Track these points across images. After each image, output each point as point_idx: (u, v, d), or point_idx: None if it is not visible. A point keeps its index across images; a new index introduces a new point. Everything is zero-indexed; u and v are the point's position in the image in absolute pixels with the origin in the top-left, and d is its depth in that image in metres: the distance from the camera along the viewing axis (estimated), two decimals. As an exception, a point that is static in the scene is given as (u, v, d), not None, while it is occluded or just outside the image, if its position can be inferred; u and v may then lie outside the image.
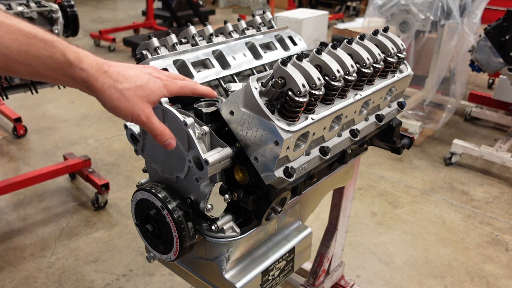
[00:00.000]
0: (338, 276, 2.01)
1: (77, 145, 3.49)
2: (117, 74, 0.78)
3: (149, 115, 0.82)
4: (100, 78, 0.76)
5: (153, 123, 0.82)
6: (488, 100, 4.12)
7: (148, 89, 0.81)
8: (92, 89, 0.77)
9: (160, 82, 0.85)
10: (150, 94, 0.82)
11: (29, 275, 2.22)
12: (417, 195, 2.97)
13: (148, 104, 0.82)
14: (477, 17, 3.47)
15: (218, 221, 1.01)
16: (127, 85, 0.78)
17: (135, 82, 0.80)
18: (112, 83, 0.77)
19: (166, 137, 0.84)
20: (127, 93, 0.78)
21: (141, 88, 0.80)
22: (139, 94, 0.80)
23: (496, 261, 2.39)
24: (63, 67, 0.73)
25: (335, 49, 1.03)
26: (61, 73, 0.74)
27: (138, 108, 0.80)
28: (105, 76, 0.77)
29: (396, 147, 1.43)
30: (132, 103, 0.79)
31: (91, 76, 0.75)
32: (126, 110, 0.79)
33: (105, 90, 0.77)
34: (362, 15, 6.94)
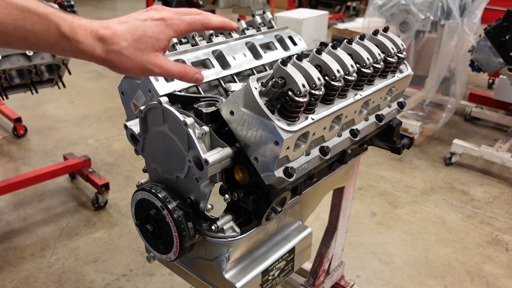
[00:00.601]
0: (338, 276, 2.01)
1: (77, 145, 3.49)
2: (112, 35, 0.73)
3: (161, 64, 0.77)
4: (97, 46, 0.73)
5: (169, 69, 0.78)
6: (488, 100, 4.12)
7: (148, 37, 0.76)
8: (94, 59, 0.74)
9: (161, 25, 0.78)
10: (153, 42, 0.76)
11: (29, 275, 2.22)
12: (417, 195, 2.97)
13: (156, 53, 0.77)
14: (477, 17, 3.47)
15: (218, 221, 1.01)
16: (124, 43, 0.74)
17: (133, 36, 0.74)
18: (110, 47, 0.73)
19: (190, 75, 0.80)
20: (127, 51, 0.74)
21: (140, 41, 0.75)
22: (140, 47, 0.75)
23: (496, 261, 2.39)
24: (60, 42, 0.70)
25: (335, 49, 1.03)
26: (59, 48, 0.71)
27: (145, 62, 0.76)
28: (102, 43, 0.73)
29: (396, 147, 1.43)
30: (136, 59, 0.75)
31: (89, 47, 0.72)
32: (134, 68, 0.76)
33: (106, 56, 0.74)
34: (362, 15, 6.94)
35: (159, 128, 0.99)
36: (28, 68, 2.26)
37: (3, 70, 2.16)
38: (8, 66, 2.16)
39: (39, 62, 2.26)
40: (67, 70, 2.42)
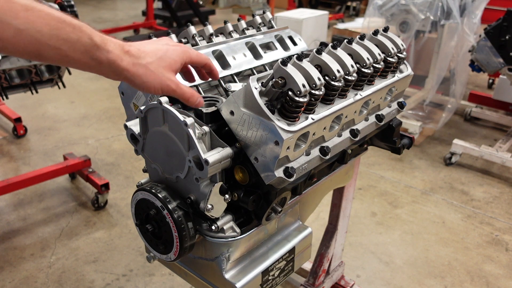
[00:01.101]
0: (338, 276, 2.01)
1: (77, 145, 3.49)
2: (138, 51, 0.81)
3: (177, 83, 0.86)
4: (124, 58, 0.79)
5: (182, 88, 0.86)
6: (488, 100, 4.12)
7: (169, 58, 0.85)
8: (119, 70, 0.79)
9: (179, 49, 0.88)
10: (171, 63, 0.85)
11: (29, 275, 2.22)
12: (417, 195, 2.97)
13: (173, 73, 0.86)
14: (477, 17, 3.47)
15: (218, 221, 1.01)
16: (149, 59, 0.82)
17: (156, 55, 0.83)
18: (136, 60, 0.80)
19: (195, 98, 0.89)
20: (152, 66, 0.82)
21: (162, 59, 0.83)
22: (162, 65, 0.83)
23: (496, 261, 2.39)
24: (91, 50, 0.76)
25: (335, 49, 1.03)
26: (88, 56, 0.76)
27: (166, 78, 0.84)
28: (129, 56, 0.80)
29: (396, 147, 1.43)
30: (159, 75, 0.83)
31: (116, 57, 0.78)
32: (155, 83, 0.83)
33: (131, 68, 0.80)
34: (362, 15, 6.94)
35: (159, 128, 0.99)
36: (28, 68, 2.26)
37: (3, 70, 2.16)
38: (8, 66, 2.16)
39: (39, 62, 2.26)
40: (67, 70, 2.42)
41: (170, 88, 0.85)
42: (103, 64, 0.78)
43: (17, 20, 0.69)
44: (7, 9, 0.68)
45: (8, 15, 0.68)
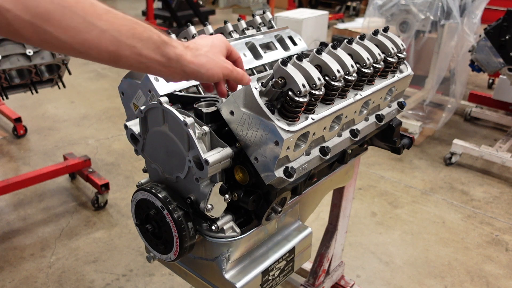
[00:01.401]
0: (338, 276, 2.01)
1: (77, 145, 3.50)
2: (194, 44, 0.89)
3: (232, 65, 0.94)
4: (187, 52, 0.87)
5: (236, 69, 0.94)
6: (488, 100, 4.12)
7: (217, 45, 0.93)
8: (185, 63, 0.86)
9: (220, 36, 0.96)
10: (221, 48, 0.94)
11: (29, 275, 2.22)
12: (417, 195, 2.97)
13: (224, 57, 0.94)
14: (477, 17, 3.47)
15: (218, 221, 1.01)
16: (205, 48, 0.90)
17: (208, 45, 0.91)
18: (196, 52, 0.88)
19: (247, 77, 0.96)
20: (210, 54, 0.90)
21: (214, 47, 0.92)
22: (216, 51, 0.92)
23: (496, 261, 2.39)
24: (160, 47, 0.82)
25: (335, 49, 1.03)
26: (159, 53, 0.82)
27: (223, 61, 0.92)
28: (189, 50, 0.88)
29: (396, 147, 1.43)
30: (217, 60, 0.90)
31: (181, 51, 0.85)
32: (217, 68, 0.90)
33: (195, 60, 0.87)
34: (362, 15, 6.94)
35: (159, 128, 0.99)
36: (28, 68, 2.26)
37: (3, 70, 2.16)
38: (8, 66, 2.16)
39: (39, 62, 2.26)
40: (67, 70, 2.42)
41: (228, 70, 0.92)
42: (172, 60, 0.84)
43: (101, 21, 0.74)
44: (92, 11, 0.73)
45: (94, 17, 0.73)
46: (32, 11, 0.67)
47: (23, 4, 0.67)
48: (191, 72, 0.88)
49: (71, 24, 0.71)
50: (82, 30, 0.72)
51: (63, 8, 0.70)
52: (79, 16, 0.72)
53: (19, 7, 0.67)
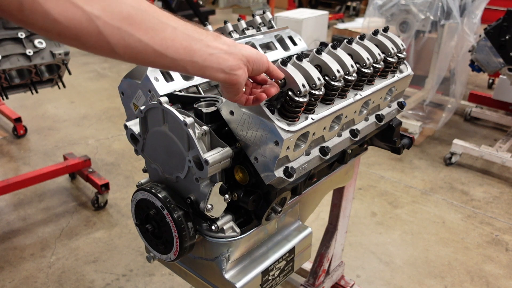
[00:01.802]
0: (338, 276, 2.01)
1: (77, 145, 3.49)
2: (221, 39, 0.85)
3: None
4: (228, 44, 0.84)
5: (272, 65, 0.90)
6: (488, 100, 4.12)
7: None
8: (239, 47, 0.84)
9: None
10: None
11: (29, 275, 2.22)
12: (417, 195, 2.97)
13: None
14: (477, 17, 3.47)
15: (218, 221, 1.01)
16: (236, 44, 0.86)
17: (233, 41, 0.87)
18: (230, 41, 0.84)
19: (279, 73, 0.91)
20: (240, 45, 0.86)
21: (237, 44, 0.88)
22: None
23: (496, 261, 2.39)
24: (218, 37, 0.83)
25: (335, 49, 1.03)
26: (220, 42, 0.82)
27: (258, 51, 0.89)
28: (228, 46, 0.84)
29: (396, 147, 1.43)
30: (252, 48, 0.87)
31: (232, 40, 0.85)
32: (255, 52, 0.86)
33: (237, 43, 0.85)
34: (362, 15, 6.94)
35: (159, 128, 0.99)
36: (28, 68, 2.26)
37: (3, 70, 2.16)
38: (8, 66, 2.16)
39: (39, 62, 2.26)
40: (67, 70, 2.42)
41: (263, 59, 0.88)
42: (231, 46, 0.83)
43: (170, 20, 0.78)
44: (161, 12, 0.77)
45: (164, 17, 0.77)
46: (118, 16, 0.71)
47: (109, 11, 0.70)
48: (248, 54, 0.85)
49: (150, 24, 0.75)
50: (159, 30, 0.76)
51: (141, 11, 0.74)
52: (154, 17, 0.76)
53: (107, 14, 0.70)
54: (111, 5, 0.70)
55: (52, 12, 0.66)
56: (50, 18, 0.66)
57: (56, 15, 0.66)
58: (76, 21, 0.67)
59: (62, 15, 0.66)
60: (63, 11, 0.66)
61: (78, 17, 0.67)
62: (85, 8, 0.67)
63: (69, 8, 0.66)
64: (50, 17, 0.66)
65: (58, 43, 2.32)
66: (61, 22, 0.67)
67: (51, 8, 0.65)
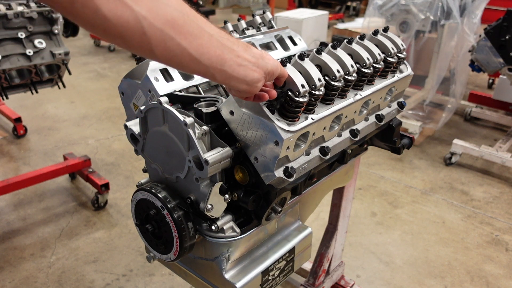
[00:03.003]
0: (338, 276, 2.01)
1: (77, 145, 3.49)
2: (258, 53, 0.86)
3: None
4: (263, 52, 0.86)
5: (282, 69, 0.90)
6: (488, 100, 4.12)
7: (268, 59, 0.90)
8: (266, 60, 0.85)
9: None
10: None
11: (29, 275, 2.22)
12: (417, 195, 2.97)
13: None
14: (477, 17, 3.47)
15: (218, 221, 1.01)
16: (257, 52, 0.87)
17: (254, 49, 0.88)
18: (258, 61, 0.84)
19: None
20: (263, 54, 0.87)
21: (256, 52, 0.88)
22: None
23: (496, 261, 2.39)
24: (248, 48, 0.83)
25: (335, 49, 1.03)
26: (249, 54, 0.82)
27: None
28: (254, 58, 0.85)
29: (396, 147, 1.43)
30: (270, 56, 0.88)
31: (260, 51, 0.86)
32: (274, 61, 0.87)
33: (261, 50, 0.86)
34: (362, 15, 6.94)
35: (159, 128, 0.99)
36: (28, 68, 2.26)
37: (3, 70, 2.16)
38: (8, 66, 2.16)
39: (39, 62, 2.26)
40: (67, 70, 2.42)
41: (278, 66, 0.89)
42: (259, 59, 0.84)
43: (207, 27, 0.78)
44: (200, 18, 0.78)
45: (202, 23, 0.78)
46: (163, 18, 0.72)
47: (155, 12, 0.71)
48: (272, 68, 0.86)
49: (190, 29, 0.75)
50: (197, 35, 0.76)
51: (184, 15, 0.75)
52: (194, 22, 0.76)
53: (153, 15, 0.71)
54: (158, 6, 0.71)
55: (103, 8, 0.67)
56: (100, 14, 0.67)
57: (106, 12, 0.67)
58: (124, 19, 0.69)
59: (112, 12, 0.67)
60: (113, 9, 0.67)
61: (126, 16, 0.68)
62: (134, 7, 0.68)
63: (118, 6, 0.68)
64: (100, 13, 0.67)
65: (58, 43, 2.32)
66: (110, 19, 0.68)
67: (102, 5, 0.66)
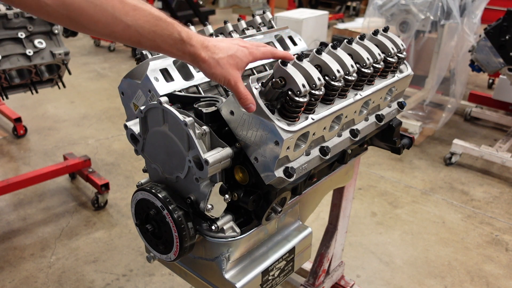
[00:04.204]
0: (338, 276, 2.01)
1: (77, 145, 3.49)
2: (214, 47, 0.96)
3: (237, 80, 0.96)
4: (203, 52, 0.94)
5: (239, 87, 0.96)
6: (488, 100, 4.12)
7: (237, 57, 0.97)
8: (197, 60, 0.95)
9: (246, 50, 1.00)
10: (238, 62, 0.98)
11: (29, 275, 2.22)
12: (417, 195, 2.97)
13: (237, 71, 0.98)
14: (477, 17, 3.47)
15: (218, 221, 1.01)
16: (221, 55, 0.95)
17: (227, 52, 0.96)
18: (211, 54, 0.95)
19: (248, 102, 0.95)
20: (222, 61, 0.95)
21: (231, 57, 0.96)
22: (230, 62, 0.96)
23: (496, 261, 2.39)
24: (178, 44, 0.92)
25: (335, 49, 1.03)
26: (175, 48, 0.92)
27: (229, 74, 0.96)
28: (207, 50, 0.95)
29: (396, 147, 1.43)
30: (224, 70, 0.95)
31: (197, 50, 0.94)
32: (220, 75, 0.95)
33: (207, 60, 0.95)
34: (362, 15, 6.94)
35: (159, 128, 0.99)
36: (28, 68, 2.26)
37: (3, 70, 2.16)
38: (8, 66, 2.16)
39: (39, 62, 2.26)
40: (67, 70, 2.42)
41: (229, 83, 0.96)
42: (185, 54, 0.94)
43: (127, 17, 0.85)
44: (120, 8, 0.85)
45: (122, 13, 0.85)
46: (68, 7, 0.79)
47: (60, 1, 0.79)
48: (199, 66, 0.96)
49: (101, 19, 0.83)
50: (110, 24, 0.84)
51: (95, 5, 0.81)
52: (109, 12, 0.83)
53: (58, 3, 0.79)
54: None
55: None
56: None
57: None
58: None
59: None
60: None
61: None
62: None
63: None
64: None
65: (58, 43, 2.32)
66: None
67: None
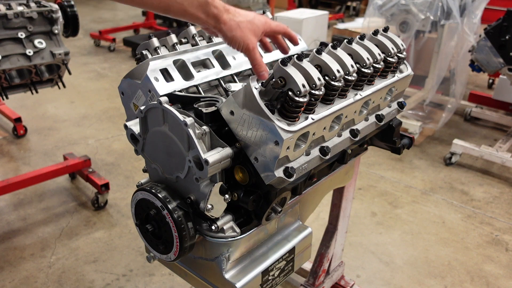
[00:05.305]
0: (338, 276, 2.01)
1: (77, 145, 3.50)
2: (234, 11, 1.02)
3: (254, 46, 1.02)
4: (225, 14, 1.00)
5: (256, 53, 1.01)
6: (488, 100, 4.12)
7: (255, 24, 1.03)
8: (219, 21, 1.00)
9: (263, 19, 1.06)
10: (255, 28, 1.03)
11: (29, 275, 2.22)
12: (417, 195, 2.97)
13: (255, 37, 1.03)
14: (477, 17, 3.47)
15: (218, 221, 1.01)
16: (242, 18, 1.02)
17: (247, 17, 1.02)
18: (232, 17, 1.01)
19: (262, 69, 1.00)
20: (242, 25, 1.01)
21: (250, 23, 1.02)
22: (249, 27, 1.02)
23: (496, 261, 2.39)
24: (203, 6, 0.99)
25: (335, 49, 1.03)
26: (201, 10, 0.99)
27: (248, 38, 1.01)
28: (228, 13, 1.01)
29: (396, 147, 1.43)
30: (245, 33, 1.01)
31: (220, 12, 1.00)
32: (240, 38, 1.00)
33: (228, 22, 1.00)
34: (362, 15, 6.94)
35: (159, 128, 0.99)
36: (28, 68, 2.26)
37: (3, 70, 2.16)
38: (8, 66, 2.16)
39: (39, 62, 2.26)
40: (67, 70, 2.42)
41: (247, 47, 1.01)
42: (209, 17, 1.00)
43: None
44: None
45: None
46: None
47: None
48: (220, 30, 1.01)
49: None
50: None
51: None
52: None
53: None
54: None
55: None
56: None
57: None
58: None
59: None
60: None
61: None
62: None
63: None
64: None
65: (58, 43, 2.32)
66: None
67: None
